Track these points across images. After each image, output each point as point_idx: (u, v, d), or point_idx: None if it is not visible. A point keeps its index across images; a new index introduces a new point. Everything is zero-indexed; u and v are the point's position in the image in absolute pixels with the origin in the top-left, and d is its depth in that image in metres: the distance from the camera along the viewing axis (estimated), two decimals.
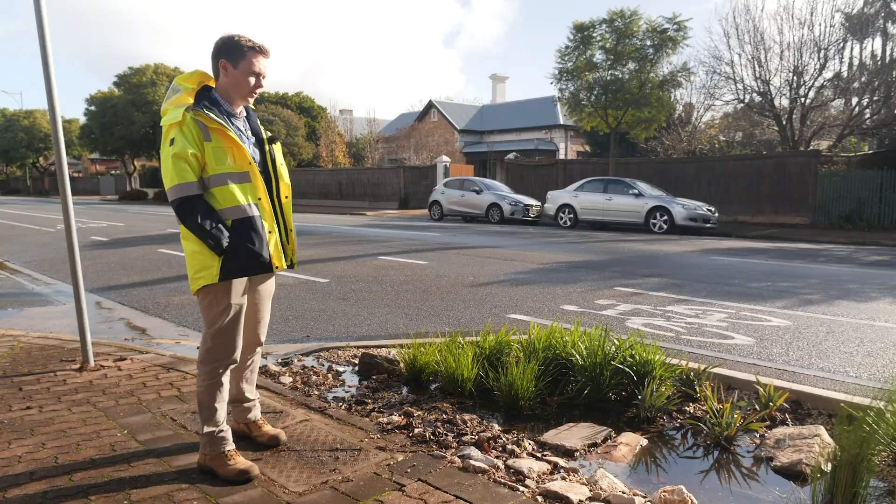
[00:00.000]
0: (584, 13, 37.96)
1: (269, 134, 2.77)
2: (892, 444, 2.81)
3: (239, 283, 2.58)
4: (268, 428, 2.91)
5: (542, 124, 39.05)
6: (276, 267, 2.61)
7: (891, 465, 2.83)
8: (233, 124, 2.60)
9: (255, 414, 2.93)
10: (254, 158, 2.61)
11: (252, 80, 2.57)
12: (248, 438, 2.90)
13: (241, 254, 2.48)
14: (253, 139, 2.70)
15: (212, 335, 2.57)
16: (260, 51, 2.58)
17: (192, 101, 2.53)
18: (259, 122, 2.78)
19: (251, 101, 2.66)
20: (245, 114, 2.72)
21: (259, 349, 2.93)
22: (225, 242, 2.44)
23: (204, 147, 2.45)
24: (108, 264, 9.76)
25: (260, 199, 2.56)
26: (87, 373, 3.96)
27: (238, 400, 2.90)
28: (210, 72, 2.63)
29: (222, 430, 2.61)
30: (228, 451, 2.58)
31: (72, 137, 50.84)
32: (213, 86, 2.63)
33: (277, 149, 2.76)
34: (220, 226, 2.45)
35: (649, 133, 23.05)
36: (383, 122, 50.63)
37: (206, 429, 2.58)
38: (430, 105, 44.53)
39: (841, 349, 4.91)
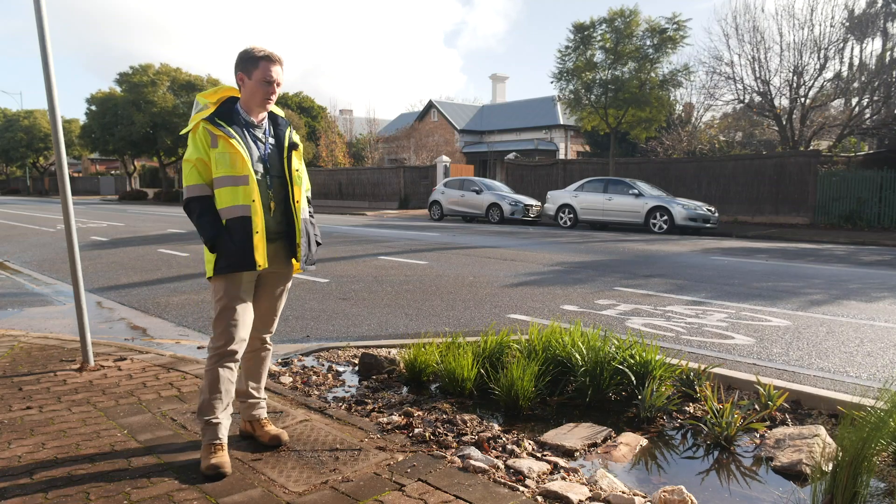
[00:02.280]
0: (588, 10, 38.03)
1: (294, 141, 2.85)
2: (892, 443, 2.81)
3: (235, 281, 2.67)
4: (270, 428, 2.93)
5: (542, 124, 39.03)
6: (259, 265, 2.64)
7: (891, 466, 2.83)
8: (249, 132, 2.73)
9: (261, 413, 2.96)
10: (267, 164, 2.73)
11: (265, 87, 2.69)
12: (250, 438, 2.93)
13: (230, 251, 2.62)
14: (273, 145, 2.81)
15: (213, 324, 2.72)
16: (270, 59, 2.69)
17: (212, 112, 2.71)
18: (289, 130, 2.86)
19: (269, 107, 2.77)
20: (269, 121, 2.83)
21: (267, 347, 2.99)
22: (214, 238, 2.61)
23: (210, 153, 2.63)
24: (108, 264, 9.76)
25: (254, 200, 2.63)
26: (87, 373, 3.96)
27: (243, 395, 2.94)
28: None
29: (215, 421, 2.66)
30: (216, 443, 2.64)
31: (72, 137, 50.84)
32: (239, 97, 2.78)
33: (297, 155, 2.85)
34: (216, 224, 2.62)
35: (649, 133, 23.05)
36: (383, 122, 50.61)
37: (201, 416, 2.67)
38: (430, 105, 44.51)
39: (841, 349, 4.91)
